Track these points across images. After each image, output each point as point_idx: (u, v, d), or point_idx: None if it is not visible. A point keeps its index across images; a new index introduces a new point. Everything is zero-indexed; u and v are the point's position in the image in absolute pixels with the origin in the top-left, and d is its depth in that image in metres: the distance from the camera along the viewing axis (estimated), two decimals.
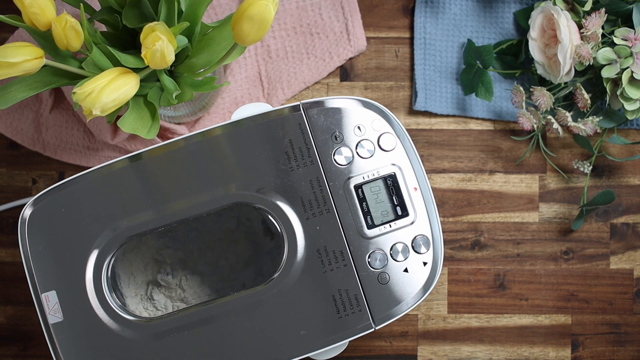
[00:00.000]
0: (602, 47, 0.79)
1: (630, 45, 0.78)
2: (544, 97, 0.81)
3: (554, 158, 0.88)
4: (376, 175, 0.69)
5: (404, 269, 0.69)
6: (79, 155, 0.87)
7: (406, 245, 0.69)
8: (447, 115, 0.89)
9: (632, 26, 0.80)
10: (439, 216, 0.71)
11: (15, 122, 0.87)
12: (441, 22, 0.88)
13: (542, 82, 0.86)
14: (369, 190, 0.69)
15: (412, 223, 0.69)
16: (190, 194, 0.70)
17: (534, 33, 0.83)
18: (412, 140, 0.71)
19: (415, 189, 0.70)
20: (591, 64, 0.79)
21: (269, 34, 0.87)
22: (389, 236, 0.69)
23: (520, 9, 0.88)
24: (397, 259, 0.69)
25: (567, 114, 0.81)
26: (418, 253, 0.69)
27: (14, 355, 0.87)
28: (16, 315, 0.87)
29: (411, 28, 0.89)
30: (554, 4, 0.80)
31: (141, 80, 0.66)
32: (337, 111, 0.69)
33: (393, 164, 0.70)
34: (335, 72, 0.89)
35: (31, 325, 0.87)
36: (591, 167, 0.85)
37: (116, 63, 0.66)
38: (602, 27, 0.80)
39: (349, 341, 0.70)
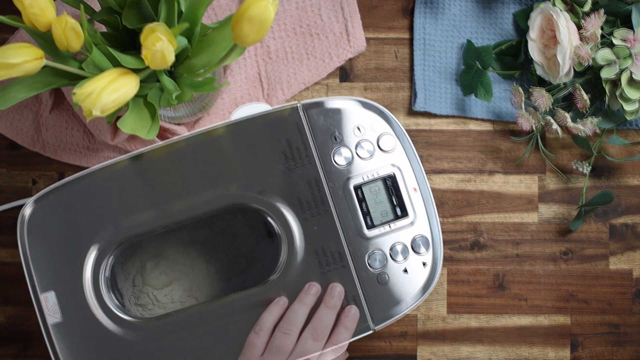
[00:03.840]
0: (601, 48, 0.79)
1: (629, 46, 0.78)
2: (542, 98, 0.81)
3: (553, 158, 0.89)
4: (376, 176, 0.69)
5: (403, 269, 0.69)
6: (79, 156, 0.87)
7: (405, 246, 0.69)
8: (447, 116, 0.89)
9: (631, 27, 0.80)
10: (439, 217, 0.71)
11: (15, 122, 0.87)
12: (441, 22, 0.88)
13: (542, 82, 0.86)
14: (369, 191, 0.69)
15: (411, 223, 0.69)
16: (187, 195, 0.70)
17: (533, 34, 0.83)
18: (412, 140, 0.71)
19: (415, 189, 0.70)
20: (590, 64, 0.79)
21: (268, 35, 0.87)
22: (388, 237, 0.69)
23: (520, 9, 0.88)
24: (397, 260, 0.69)
25: (566, 114, 0.81)
26: (417, 253, 0.69)
27: (14, 356, 0.87)
28: (16, 315, 0.87)
29: (411, 29, 0.89)
30: (553, 4, 0.80)
31: (141, 81, 0.66)
32: (337, 112, 0.70)
33: (392, 165, 0.70)
34: (335, 73, 0.89)
35: (31, 325, 0.87)
36: (590, 167, 0.85)
37: (116, 64, 0.66)
38: (601, 28, 0.80)
39: (349, 342, 0.70)
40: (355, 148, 0.69)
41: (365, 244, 0.69)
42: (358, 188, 0.69)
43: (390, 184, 0.69)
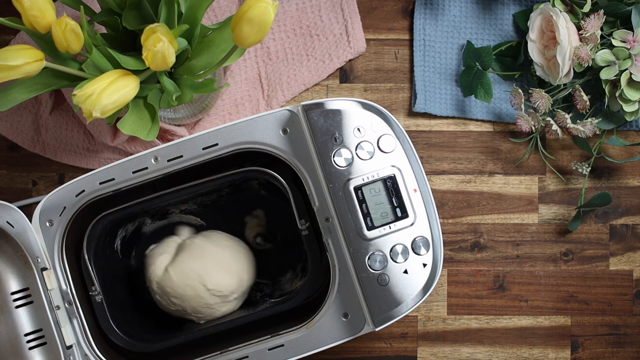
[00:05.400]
0: (601, 49, 0.79)
1: (629, 47, 0.78)
2: (542, 99, 0.81)
3: (553, 160, 0.89)
4: (376, 177, 0.69)
5: (403, 270, 0.69)
6: (79, 157, 0.87)
7: (406, 247, 0.69)
8: (447, 117, 0.89)
9: (631, 28, 0.80)
10: (439, 218, 0.71)
11: (15, 123, 0.87)
12: (440, 23, 0.89)
13: (542, 83, 0.86)
14: (369, 192, 0.69)
15: (411, 224, 0.69)
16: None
17: (533, 35, 0.83)
18: (412, 141, 0.71)
19: (415, 190, 0.70)
20: (590, 65, 0.79)
21: (268, 36, 0.87)
22: (388, 238, 0.69)
23: (520, 10, 0.88)
24: (397, 261, 0.69)
25: (566, 115, 0.81)
26: (418, 254, 0.69)
27: None
28: None
29: (411, 30, 0.89)
30: (553, 5, 0.81)
31: (141, 82, 0.66)
32: (337, 113, 0.69)
33: (393, 166, 0.70)
34: (335, 74, 0.89)
35: None
36: (589, 168, 0.85)
37: (116, 65, 0.66)
38: (601, 29, 0.80)
39: (350, 342, 0.70)
40: (356, 149, 0.69)
41: (365, 245, 0.69)
42: (358, 189, 0.69)
43: (391, 185, 0.69)
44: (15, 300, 0.70)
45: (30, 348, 0.69)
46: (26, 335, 0.69)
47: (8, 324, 0.70)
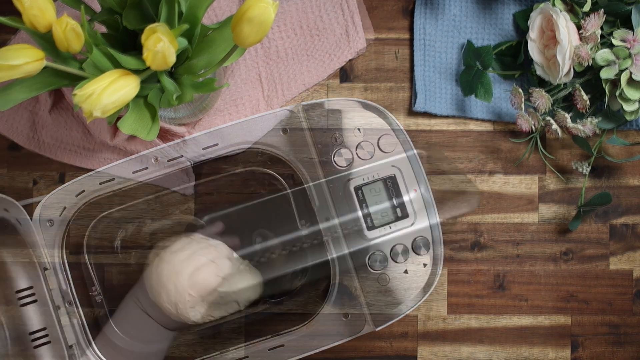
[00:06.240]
0: (601, 49, 0.79)
1: (629, 47, 0.78)
2: (542, 99, 0.81)
3: (553, 159, 0.89)
4: (376, 177, 0.69)
5: (403, 270, 0.69)
6: (78, 157, 0.87)
7: (406, 247, 0.69)
8: (447, 116, 0.89)
9: (631, 27, 0.81)
10: (439, 217, 0.71)
11: (11, 120, 0.87)
12: (441, 23, 0.89)
13: (542, 83, 0.86)
14: (369, 192, 0.69)
15: (412, 224, 0.69)
16: None
17: (533, 34, 0.83)
18: (412, 141, 0.71)
19: (415, 190, 0.70)
20: (590, 65, 0.79)
21: (268, 36, 0.87)
22: (388, 238, 0.69)
23: (520, 10, 0.88)
24: (397, 261, 0.69)
25: (566, 115, 0.81)
26: (418, 254, 0.69)
27: None
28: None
29: (411, 29, 0.89)
30: (553, 5, 0.81)
31: (141, 82, 0.66)
32: (337, 113, 0.70)
33: (393, 166, 0.70)
34: (335, 74, 0.89)
35: None
36: (590, 168, 0.85)
37: (116, 64, 0.66)
38: (601, 28, 0.80)
39: (350, 342, 0.70)
40: (356, 149, 0.69)
41: (365, 245, 0.69)
42: (358, 189, 0.69)
43: (391, 185, 0.69)
44: (20, 298, 0.70)
45: (35, 347, 0.69)
46: (31, 333, 0.70)
47: (14, 321, 0.70)
